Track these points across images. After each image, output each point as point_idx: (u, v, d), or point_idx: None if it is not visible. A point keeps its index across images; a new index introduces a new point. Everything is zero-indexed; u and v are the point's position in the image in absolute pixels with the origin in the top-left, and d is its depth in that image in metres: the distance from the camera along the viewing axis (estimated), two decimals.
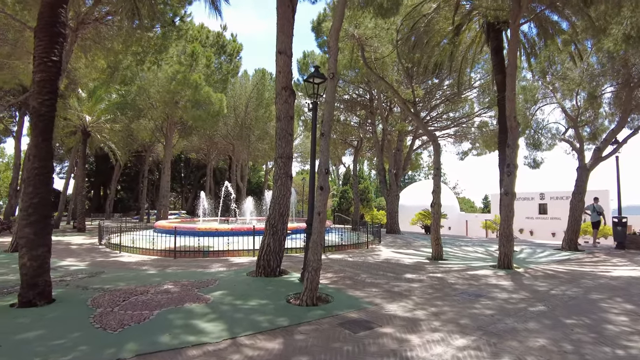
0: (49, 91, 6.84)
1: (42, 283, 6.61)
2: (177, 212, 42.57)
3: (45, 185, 6.57)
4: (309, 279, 6.81)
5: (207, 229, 15.27)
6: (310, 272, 6.83)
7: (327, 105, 7.33)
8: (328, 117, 7.22)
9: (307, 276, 6.85)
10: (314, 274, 6.83)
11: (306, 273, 6.90)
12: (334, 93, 7.36)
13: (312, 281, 6.82)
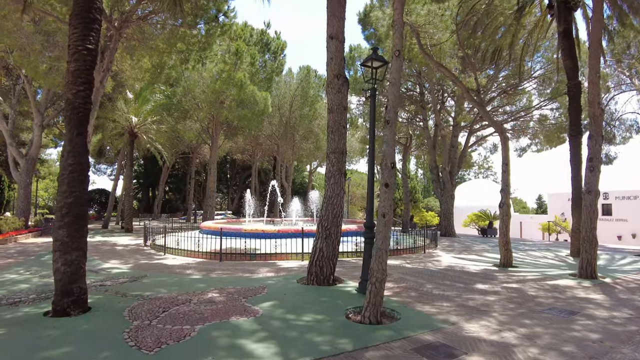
0: (83, 81, 6.27)
1: (77, 290, 6.03)
2: (223, 213, 42.72)
3: (80, 184, 5.99)
4: (372, 292, 5.86)
5: (253, 231, 14.64)
6: (373, 284, 5.88)
7: (392, 88, 6.36)
8: (394, 102, 6.25)
9: (369, 289, 5.90)
10: (378, 287, 5.87)
11: (369, 285, 5.95)
12: (399, 74, 6.38)
13: (376, 295, 5.87)
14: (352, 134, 37.20)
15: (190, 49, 17.73)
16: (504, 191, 12.02)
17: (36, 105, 23.58)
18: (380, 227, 6.04)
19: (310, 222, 21.39)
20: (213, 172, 25.49)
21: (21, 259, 12.34)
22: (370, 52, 21.63)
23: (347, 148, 29.27)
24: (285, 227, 15.74)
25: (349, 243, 13.20)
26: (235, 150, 39.13)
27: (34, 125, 23.78)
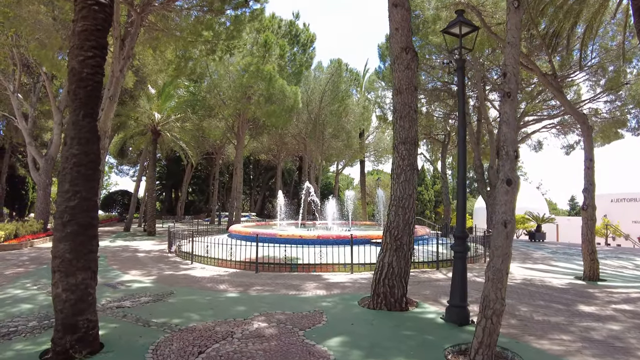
0: (93, 46, 4.73)
1: (84, 324, 4.49)
2: (247, 214, 41.41)
3: (86, 181, 4.44)
4: (486, 329, 4.17)
5: (289, 236, 13.01)
6: (489, 318, 4.18)
7: (511, 50, 4.60)
8: (514, 67, 4.51)
9: (483, 324, 4.21)
10: (495, 322, 4.18)
11: (482, 319, 4.25)
12: (519, 31, 4.64)
13: (492, 333, 4.18)
14: (383, 130, 35.42)
15: (218, 38, 16.26)
16: (588, 191, 10.15)
17: (56, 104, 22.58)
18: (499, 240, 4.33)
19: (345, 226, 19.67)
20: (239, 173, 23.99)
21: (32, 268, 11.00)
22: None
23: (376, 147, 27.48)
24: (326, 233, 14.06)
25: None
26: (260, 150, 37.70)
27: (54, 124, 22.76)
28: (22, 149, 41.24)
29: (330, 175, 53.00)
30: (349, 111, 30.36)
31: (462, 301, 5.99)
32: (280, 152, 36.60)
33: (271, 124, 25.24)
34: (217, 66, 22.30)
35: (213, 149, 35.21)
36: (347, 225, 19.88)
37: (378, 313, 6.45)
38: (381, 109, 28.95)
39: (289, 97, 21.31)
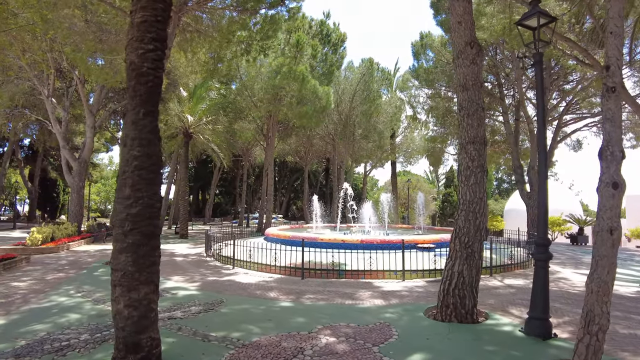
0: (153, 38, 4.35)
1: (147, 342, 4.10)
2: (274, 216, 41.21)
3: (149, 185, 4.05)
4: (590, 347, 3.68)
5: (331, 240, 12.53)
6: (594, 335, 3.70)
7: (614, 41, 4.05)
8: (618, 59, 3.97)
9: (587, 341, 3.71)
10: (601, 339, 3.71)
11: (585, 336, 3.72)
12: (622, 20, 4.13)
13: (598, 351, 3.70)
14: (412, 130, 34.63)
15: (253, 38, 15.94)
16: None
17: (89, 107, 22.73)
18: (604, 248, 3.79)
19: (382, 230, 19.05)
20: (270, 175, 23.65)
21: (72, 273, 10.82)
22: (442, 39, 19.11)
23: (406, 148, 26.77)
24: (370, 237, 13.52)
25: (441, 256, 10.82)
26: (287, 152, 37.43)
27: (86, 127, 22.92)
28: (53, 152, 42.09)
29: (357, 176, 52.39)
30: (381, 111, 29.71)
31: (544, 313, 5.50)
32: (307, 153, 36.21)
33: (302, 126, 24.86)
34: (248, 68, 22.04)
35: (241, 151, 35.12)
36: (384, 229, 19.27)
37: (450, 326, 5.92)
38: (413, 108, 28.20)
39: (321, 97, 20.87)
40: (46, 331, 5.66)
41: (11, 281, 9.67)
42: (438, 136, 27.65)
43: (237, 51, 17.37)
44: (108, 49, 17.15)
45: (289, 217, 52.99)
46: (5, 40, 12.76)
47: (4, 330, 5.75)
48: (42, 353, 4.81)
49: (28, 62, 19.07)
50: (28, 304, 7.40)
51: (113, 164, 64.89)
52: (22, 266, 11.97)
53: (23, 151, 42.35)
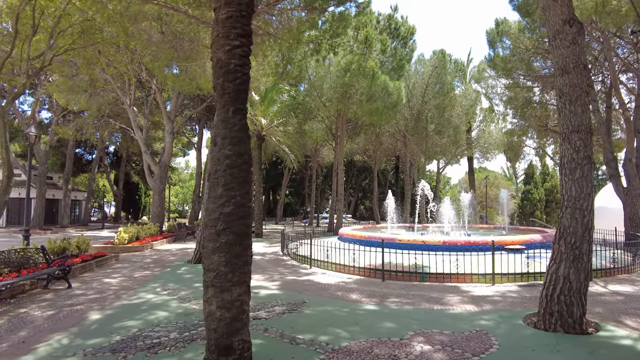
0: (239, 34, 4.26)
1: (239, 345, 4.00)
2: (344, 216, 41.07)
3: (241, 184, 3.96)
4: None
5: (410, 241, 12.08)
6: None
7: None
8: None
9: None
10: None
11: None
12: None
13: None
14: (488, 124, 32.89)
15: (322, 37, 15.84)
16: None
17: (167, 114, 23.95)
18: None
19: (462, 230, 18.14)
20: (340, 174, 23.50)
21: (157, 271, 11.31)
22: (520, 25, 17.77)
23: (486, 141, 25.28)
24: (453, 238, 12.88)
25: (541, 259, 9.92)
26: (355, 150, 37.08)
27: (165, 133, 24.17)
28: (135, 158, 45.10)
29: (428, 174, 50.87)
30: (455, 104, 28.51)
31: None
32: (376, 152, 35.62)
33: (372, 123, 24.44)
34: (317, 68, 22.03)
35: (310, 151, 35.36)
36: (464, 229, 18.35)
37: (556, 336, 5.33)
38: (489, 100, 26.77)
39: (392, 93, 20.35)
40: (138, 328, 5.82)
41: (103, 277, 10.28)
42: (517, 129, 26.03)
43: (307, 51, 17.35)
44: (183, 56, 17.85)
45: (357, 217, 52.66)
46: (93, 54, 13.62)
47: (100, 325, 6.01)
48: (136, 350, 4.92)
49: (112, 74, 20.46)
50: (120, 300, 7.76)
51: (189, 167, 68.42)
52: (112, 263, 12.74)
53: (109, 157, 45.79)
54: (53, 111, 31.44)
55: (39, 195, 29.32)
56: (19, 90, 11.37)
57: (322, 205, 53.27)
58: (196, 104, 29.74)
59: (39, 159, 29.27)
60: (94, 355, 4.77)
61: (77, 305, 7.34)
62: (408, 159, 32.52)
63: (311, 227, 31.61)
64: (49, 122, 34.55)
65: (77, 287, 8.99)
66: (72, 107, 24.80)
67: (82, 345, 5.11)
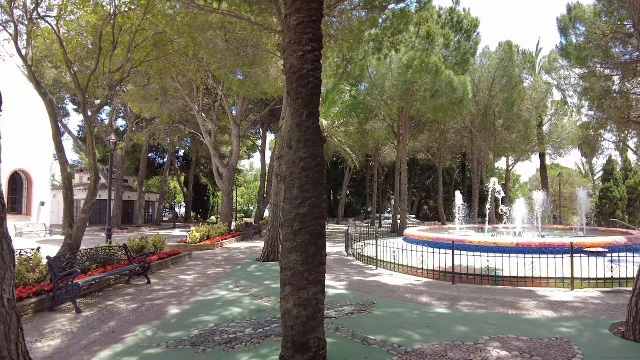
0: (311, 39, 4.36)
1: (315, 343, 4.09)
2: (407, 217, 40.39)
3: (315, 186, 4.06)
4: None
5: (481, 243, 11.67)
6: None
7: None
8: None
9: None
10: None
11: None
12: None
13: None
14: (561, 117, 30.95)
15: (384, 35, 15.75)
16: None
17: (233, 119, 24.91)
18: None
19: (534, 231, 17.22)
20: (404, 174, 23.17)
21: (229, 269, 11.80)
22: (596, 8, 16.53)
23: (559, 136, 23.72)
24: (527, 240, 12.28)
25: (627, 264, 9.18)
26: (418, 149, 36.36)
27: (232, 137, 25.14)
28: (204, 161, 47.33)
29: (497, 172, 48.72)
30: (524, 98, 27.11)
31: None
32: (440, 150, 34.69)
33: (437, 120, 23.86)
34: (378, 66, 21.87)
35: (371, 151, 35.18)
36: (537, 230, 17.41)
37: None
38: (562, 92, 25.20)
39: (457, 88, 19.72)
40: (214, 323, 6.11)
41: (179, 274, 10.88)
42: (593, 122, 24.21)
43: (368, 50, 17.32)
44: (248, 63, 18.48)
45: (421, 217, 51.63)
46: (164, 65, 14.44)
47: (179, 320, 6.38)
48: (214, 344, 5.17)
49: (182, 83, 21.61)
50: (195, 296, 8.18)
51: (253, 169, 70.65)
52: (186, 261, 13.45)
53: (179, 161, 48.38)
54: (127, 119, 33.78)
55: (117, 197, 31.53)
56: (103, 101, 12.30)
57: (384, 206, 52.79)
58: (260, 108, 30.69)
59: (116, 164, 31.48)
60: (176, 348, 5.07)
61: (157, 300, 7.84)
62: (475, 157, 31.38)
63: (373, 227, 31.44)
64: (124, 130, 37.19)
65: (155, 283, 9.60)
66: (144, 115, 26.50)
67: (165, 338, 5.45)
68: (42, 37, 12.00)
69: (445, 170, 46.04)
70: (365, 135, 28.15)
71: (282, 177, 13.73)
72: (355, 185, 50.77)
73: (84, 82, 11.57)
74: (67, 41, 11.16)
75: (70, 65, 11.01)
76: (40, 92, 11.21)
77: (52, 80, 25.66)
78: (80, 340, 5.42)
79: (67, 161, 11.31)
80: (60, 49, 10.99)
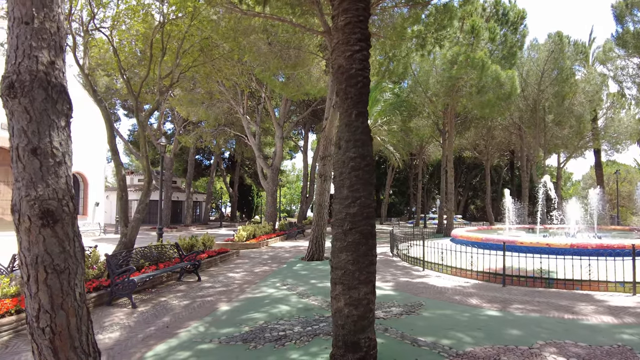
0: (358, 38, 4.37)
1: (365, 342, 4.09)
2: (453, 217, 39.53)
3: (365, 185, 4.06)
4: None
5: (533, 244, 11.23)
6: None
7: None
8: None
9: None
10: None
11: None
12: None
13: None
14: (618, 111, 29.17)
15: (427, 30, 15.52)
16: None
17: (276, 120, 25.28)
18: None
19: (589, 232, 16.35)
20: (450, 172, 22.62)
21: (274, 267, 12.00)
22: None
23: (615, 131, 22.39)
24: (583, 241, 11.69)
25: None
26: (464, 146, 35.42)
27: (276, 138, 25.53)
28: (248, 162, 48.35)
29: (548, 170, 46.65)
30: (576, 91, 25.77)
31: None
32: (487, 147, 33.62)
33: (483, 116, 23.18)
34: (421, 63, 21.55)
35: (415, 149, 34.65)
36: (592, 231, 16.52)
37: None
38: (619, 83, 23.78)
39: (505, 83, 19.08)
40: (263, 320, 6.23)
41: (227, 272, 11.17)
42: None
43: (411, 47, 17.10)
44: (291, 64, 18.72)
45: (467, 217, 50.31)
46: (210, 69, 14.86)
47: (230, 316, 6.55)
48: (264, 340, 5.27)
49: (227, 87, 22.14)
50: (244, 293, 8.37)
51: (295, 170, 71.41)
52: (233, 259, 13.78)
53: (224, 162, 49.70)
54: (175, 122, 35.03)
55: (166, 198, 32.75)
56: (154, 105, 12.86)
57: (428, 206, 51.85)
58: (302, 109, 31.00)
59: (165, 165, 32.68)
60: (227, 344, 5.21)
61: (207, 296, 8.08)
62: (524, 154, 30.19)
63: (418, 228, 30.95)
64: (172, 133, 38.58)
65: (205, 280, 9.90)
66: (191, 118, 27.36)
67: (217, 334, 5.61)
68: (97, 47, 12.64)
69: (493, 168, 44.56)
70: (408, 134, 27.74)
71: (326, 177, 13.80)
72: (398, 184, 50.13)
73: (136, 88, 12.13)
74: (120, 50, 11.69)
75: (123, 73, 11.54)
76: (96, 99, 11.82)
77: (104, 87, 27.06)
78: (137, 334, 5.68)
79: (122, 163, 11.86)
80: (114, 57, 11.54)
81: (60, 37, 2.86)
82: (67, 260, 2.77)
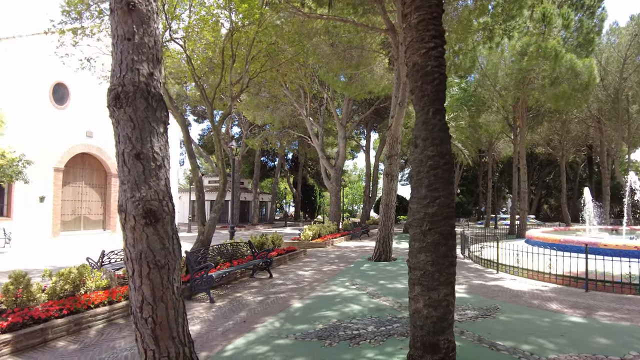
0: (433, 35, 4.31)
1: (445, 344, 4.03)
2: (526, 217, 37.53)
3: (444, 184, 3.99)
4: None
5: (619, 247, 10.43)
6: None
7: None
8: None
9: None
10: None
11: None
12: None
13: None
14: None
15: (494, 22, 14.94)
16: None
17: (339, 121, 25.44)
18: None
19: None
20: (522, 170, 21.42)
21: (342, 266, 12.08)
22: None
23: None
24: None
25: None
26: (536, 142, 33.45)
27: (339, 138, 25.70)
28: (310, 163, 49.05)
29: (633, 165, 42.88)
30: None
31: None
32: (562, 142, 31.46)
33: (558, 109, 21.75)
34: (489, 55, 20.70)
35: (484, 146, 33.28)
36: None
37: None
38: None
39: (581, 73, 17.74)
40: (336, 318, 6.30)
41: (297, 270, 11.43)
42: None
43: (477, 40, 16.53)
44: (354, 64, 18.77)
45: (541, 217, 47.56)
46: (277, 73, 15.27)
47: (303, 313, 6.69)
48: (339, 339, 5.34)
49: (291, 90, 22.61)
50: (314, 291, 8.52)
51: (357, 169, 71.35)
52: (301, 257, 14.05)
53: (288, 164, 50.79)
54: (242, 126, 36.31)
55: (235, 198, 34.03)
56: (227, 111, 13.43)
57: (499, 205, 49.64)
58: (364, 109, 30.93)
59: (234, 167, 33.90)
60: (303, 340, 5.34)
61: (280, 293, 8.32)
62: (604, 149, 27.95)
63: (489, 228, 29.74)
64: (239, 136, 40.02)
65: (276, 278, 10.19)
66: (257, 122, 28.20)
67: (292, 330, 5.76)
68: (170, 57, 13.39)
69: (568, 165, 41.65)
70: (477, 129, 26.63)
71: (393, 176, 13.65)
72: (467, 183, 48.39)
73: (210, 94, 12.73)
74: (193, 59, 12.31)
75: (197, 80, 12.15)
76: (172, 106, 12.53)
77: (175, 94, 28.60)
78: (216, 327, 5.98)
79: (198, 166, 12.49)
80: (188, 66, 12.17)
81: (157, 49, 3.09)
82: (167, 257, 2.99)
